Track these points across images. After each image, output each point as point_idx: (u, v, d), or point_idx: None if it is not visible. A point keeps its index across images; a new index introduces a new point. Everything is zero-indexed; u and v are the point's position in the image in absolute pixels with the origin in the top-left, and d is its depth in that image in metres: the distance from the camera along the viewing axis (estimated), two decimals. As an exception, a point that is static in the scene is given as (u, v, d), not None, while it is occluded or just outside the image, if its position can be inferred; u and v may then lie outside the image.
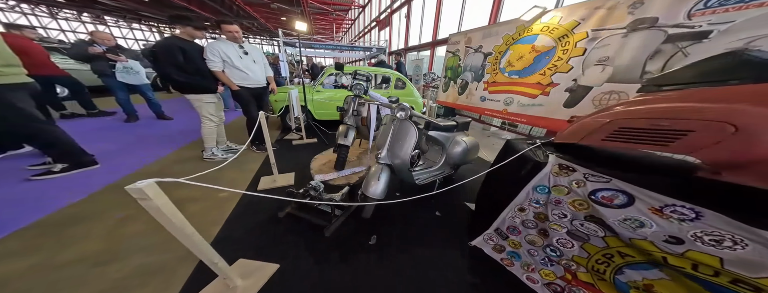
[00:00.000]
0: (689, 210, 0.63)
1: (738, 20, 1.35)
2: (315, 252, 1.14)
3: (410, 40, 7.77)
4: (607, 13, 1.80)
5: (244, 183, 1.82)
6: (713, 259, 0.55)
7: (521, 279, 0.97)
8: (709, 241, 0.57)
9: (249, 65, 2.05)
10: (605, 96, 1.79)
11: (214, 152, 2.21)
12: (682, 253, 0.59)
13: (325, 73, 3.17)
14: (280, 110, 2.98)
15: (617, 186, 0.77)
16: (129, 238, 1.19)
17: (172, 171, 1.97)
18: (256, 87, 2.20)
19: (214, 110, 2.04)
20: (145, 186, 0.54)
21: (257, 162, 2.21)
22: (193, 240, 0.72)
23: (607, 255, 0.75)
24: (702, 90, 0.71)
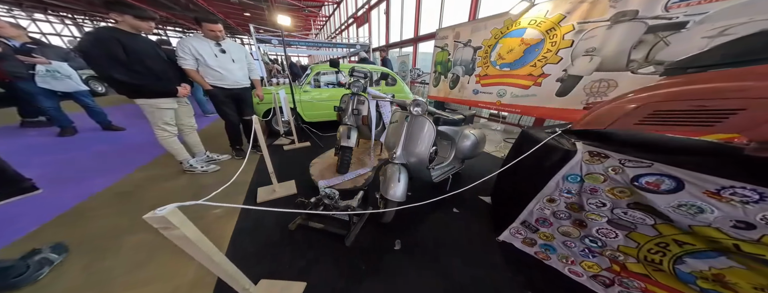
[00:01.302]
0: (751, 192, 0.56)
1: (711, 11, 1.40)
2: (340, 264, 0.97)
3: (391, 36, 7.55)
4: (590, 6, 1.80)
5: (239, 196, 1.55)
6: None
7: (563, 272, 0.90)
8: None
9: (225, 65, 1.76)
10: (595, 84, 1.81)
11: (191, 164, 1.85)
12: (758, 239, 0.53)
13: (313, 72, 2.87)
14: (264, 113, 2.64)
15: (660, 170, 0.70)
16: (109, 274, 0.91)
17: (146, 192, 1.61)
18: (234, 88, 1.88)
19: (170, 118, 1.65)
20: (167, 213, 0.44)
21: (247, 172, 1.91)
22: (224, 267, 0.63)
23: (661, 244, 0.69)
24: (747, 69, 0.66)
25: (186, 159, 1.83)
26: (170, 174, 1.84)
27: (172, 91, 1.60)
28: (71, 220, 1.28)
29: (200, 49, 1.63)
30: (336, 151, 1.75)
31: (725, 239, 0.57)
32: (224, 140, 2.22)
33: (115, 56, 1.31)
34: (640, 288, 0.74)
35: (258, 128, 1.25)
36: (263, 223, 1.23)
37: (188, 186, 1.68)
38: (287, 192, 1.53)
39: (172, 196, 1.54)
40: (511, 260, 1.00)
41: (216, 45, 1.70)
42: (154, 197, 1.54)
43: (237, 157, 2.21)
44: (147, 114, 1.59)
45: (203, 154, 2.05)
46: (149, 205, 1.44)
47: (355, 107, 1.67)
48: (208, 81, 1.75)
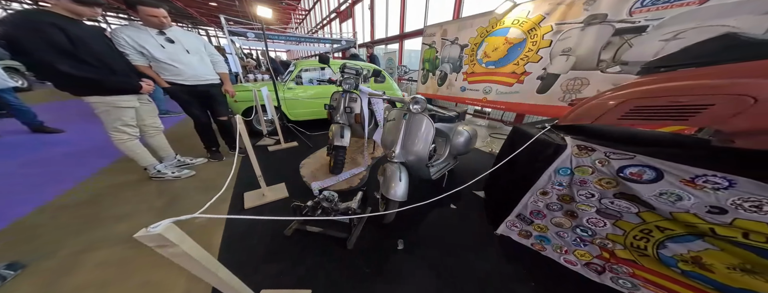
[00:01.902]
0: (721, 179, 0.62)
1: (666, 17, 1.55)
2: (343, 268, 0.93)
3: (376, 32, 7.38)
4: (567, 8, 1.89)
5: (222, 203, 1.40)
6: (762, 225, 0.55)
7: (559, 261, 0.94)
8: (750, 208, 0.57)
9: (178, 57, 1.50)
10: (571, 81, 1.93)
11: (159, 170, 1.63)
12: (730, 222, 0.58)
13: (297, 68, 2.67)
14: (244, 112, 2.42)
15: (642, 161, 0.74)
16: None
17: (107, 204, 1.38)
18: (198, 84, 1.63)
19: (130, 118, 1.41)
20: (163, 229, 0.39)
21: (226, 176, 1.73)
22: (229, 282, 0.58)
23: (645, 231, 0.75)
24: (715, 68, 0.71)
25: (152, 164, 1.60)
26: (133, 183, 1.61)
27: (134, 87, 1.37)
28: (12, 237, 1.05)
29: (140, 40, 1.35)
30: (328, 151, 1.65)
31: (702, 224, 0.62)
32: (196, 142, 1.99)
33: (58, 44, 1.07)
34: (629, 273, 0.80)
35: (242, 129, 1.11)
36: (255, 230, 1.13)
37: (158, 195, 1.48)
38: (278, 196, 1.42)
39: (140, 208, 1.34)
40: (511, 252, 1.03)
41: (159, 34, 1.42)
42: (117, 209, 1.32)
43: (214, 160, 1.99)
44: (101, 114, 1.34)
45: (173, 158, 1.81)
46: (114, 218, 1.23)
47: (347, 105, 1.58)
48: (164, 77, 1.51)
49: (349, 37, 6.73)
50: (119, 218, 1.23)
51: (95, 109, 1.32)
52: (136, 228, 1.17)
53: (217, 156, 2.01)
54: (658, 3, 1.56)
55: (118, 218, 1.23)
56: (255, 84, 2.95)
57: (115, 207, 1.34)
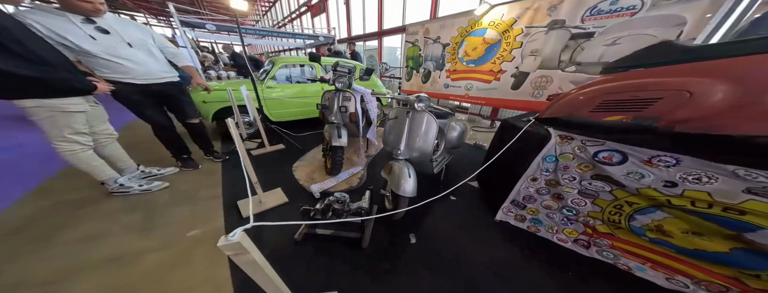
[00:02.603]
0: (670, 158, 0.76)
1: (608, 25, 1.82)
2: (363, 268, 0.91)
3: (353, 29, 7.14)
4: (534, 13, 2.08)
5: (214, 215, 1.24)
6: (703, 194, 0.69)
7: (553, 240, 1.05)
8: (693, 180, 0.72)
9: (117, 51, 1.21)
10: (538, 79, 2.16)
11: (123, 184, 1.36)
12: (681, 193, 0.73)
13: (277, 65, 2.43)
14: (215, 115, 2.12)
15: (611, 146, 0.88)
16: None
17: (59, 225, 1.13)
18: (151, 83, 1.37)
19: (82, 124, 1.16)
20: (240, 237, 0.40)
21: (212, 186, 1.52)
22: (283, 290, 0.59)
23: (618, 206, 0.88)
24: (659, 68, 0.86)
25: (112, 177, 1.33)
26: (90, 200, 1.33)
27: (88, 87, 1.10)
28: None
29: (59, 29, 1.05)
30: (325, 152, 1.56)
31: (660, 196, 0.76)
32: (156, 149, 1.69)
33: None
34: (609, 245, 0.94)
35: (234, 132, 0.98)
36: (261, 238, 1.04)
37: (128, 212, 1.25)
38: (277, 202, 1.31)
39: (112, 228, 1.12)
40: (511, 236, 1.11)
41: (86, 22, 1.11)
42: (82, 230, 1.09)
43: (187, 169, 1.71)
44: (42, 121, 1.06)
45: (135, 170, 1.51)
46: (78, 241, 1.01)
47: (341, 104, 1.50)
48: (104, 76, 1.23)
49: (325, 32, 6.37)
50: (86, 240, 1.03)
51: (33, 116, 1.03)
52: (114, 250, 0.99)
53: (190, 164, 1.73)
54: (602, 13, 1.82)
55: (84, 240, 1.02)
56: (222, 82, 2.59)
57: (79, 228, 1.10)
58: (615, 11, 1.76)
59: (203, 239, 1.06)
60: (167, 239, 1.05)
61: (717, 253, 0.71)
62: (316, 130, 2.72)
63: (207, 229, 1.11)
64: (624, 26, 1.74)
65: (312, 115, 2.71)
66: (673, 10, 1.54)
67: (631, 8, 1.70)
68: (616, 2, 1.74)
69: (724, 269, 0.72)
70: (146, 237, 1.06)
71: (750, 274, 0.68)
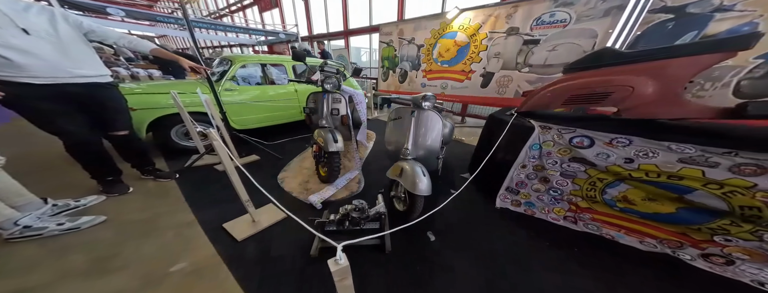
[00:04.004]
0: (625, 139, 0.94)
1: (548, 34, 2.17)
2: (394, 271, 0.86)
3: (315, 27, 6.64)
4: (495, 19, 2.32)
5: (198, 243, 0.99)
6: (652, 166, 0.87)
7: (548, 220, 1.17)
8: (643, 155, 0.89)
9: (5, 40, 0.86)
10: (501, 78, 2.42)
11: (28, 226, 0.95)
12: (637, 167, 0.90)
13: (236, 64, 2.03)
14: (150, 126, 1.65)
15: (581, 132, 1.03)
16: None
17: None
18: (64, 83, 1.01)
19: None
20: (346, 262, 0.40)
21: (176, 212, 1.21)
22: None
23: (592, 183, 1.04)
24: (607, 69, 1.04)
25: (9, 219, 0.92)
26: None
27: None
28: None
29: None
30: (319, 159, 1.38)
31: (623, 171, 0.93)
32: (63, 174, 1.22)
33: None
34: (591, 218, 1.09)
35: (219, 145, 0.76)
36: (271, 260, 0.90)
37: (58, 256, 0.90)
38: (275, 219, 1.11)
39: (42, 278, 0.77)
40: (514, 222, 1.18)
41: None
42: None
43: (114, 194, 1.28)
44: None
45: (43, 205, 1.04)
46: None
47: (333, 107, 1.34)
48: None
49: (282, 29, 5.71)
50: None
51: None
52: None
53: (118, 188, 1.29)
54: (544, 23, 2.15)
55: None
56: (143, 84, 2.03)
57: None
58: (553, 22, 2.09)
59: (196, 271, 0.85)
60: (146, 277, 0.81)
61: (668, 214, 0.90)
62: (292, 137, 2.43)
63: (195, 259, 0.90)
64: (559, 36, 2.09)
65: (284, 121, 2.41)
66: (588, 25, 1.92)
67: (563, 21, 2.04)
68: (554, 15, 2.07)
69: (675, 227, 0.92)
70: (115, 276, 0.81)
71: (693, 228, 0.88)
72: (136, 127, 1.58)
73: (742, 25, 1.31)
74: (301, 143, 2.30)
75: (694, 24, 1.45)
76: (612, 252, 1.00)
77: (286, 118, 2.43)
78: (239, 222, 1.08)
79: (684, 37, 1.49)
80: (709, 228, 0.84)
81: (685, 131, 0.88)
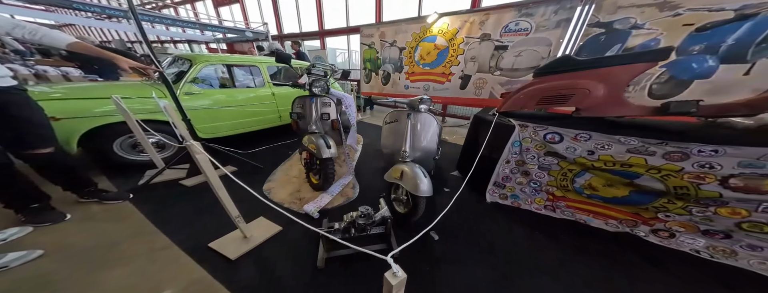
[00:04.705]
0: (585, 134, 1.11)
1: (514, 41, 2.44)
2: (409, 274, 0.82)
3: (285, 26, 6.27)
4: (470, 25, 2.50)
5: (182, 268, 0.89)
6: (609, 157, 1.04)
7: (532, 210, 1.30)
8: (600, 147, 1.07)
9: None
10: (478, 81, 2.62)
11: None
12: (597, 158, 1.07)
13: (198, 65, 1.80)
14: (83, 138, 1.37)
15: (552, 130, 1.19)
16: None
17: None
18: None
19: None
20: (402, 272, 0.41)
21: (141, 236, 1.07)
22: None
23: (563, 174, 1.20)
24: (568, 74, 1.22)
25: None
26: None
27: None
28: None
29: None
30: (311, 166, 1.30)
31: (587, 162, 1.09)
32: None
33: None
34: (566, 205, 1.25)
35: (203, 159, 0.68)
36: (275, 277, 0.85)
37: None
38: (270, 233, 1.04)
39: None
40: (505, 214, 1.29)
41: None
42: None
43: (44, 225, 1.04)
44: None
45: None
46: None
47: (322, 112, 1.29)
48: None
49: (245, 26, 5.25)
50: None
51: None
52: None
53: (48, 217, 1.05)
54: (511, 31, 2.40)
55: None
56: (60, 85, 1.70)
57: None
58: (518, 31, 2.35)
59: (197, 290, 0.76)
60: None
61: (623, 197, 1.09)
62: (271, 144, 2.25)
63: (183, 285, 0.82)
64: (523, 43, 2.35)
65: (260, 127, 2.24)
66: (544, 35, 2.21)
67: (526, 30, 2.31)
68: (518, 24, 2.32)
69: (629, 208, 1.12)
70: None
71: (642, 208, 1.08)
72: (62, 140, 1.29)
73: (650, 40, 1.66)
74: (282, 150, 2.16)
75: (618, 38, 1.79)
76: (587, 234, 1.15)
77: (263, 123, 2.25)
78: (228, 239, 0.98)
79: (613, 48, 1.83)
80: (654, 207, 1.04)
81: (629, 126, 1.08)
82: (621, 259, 1.01)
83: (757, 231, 0.89)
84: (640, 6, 1.65)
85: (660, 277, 0.92)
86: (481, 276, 0.90)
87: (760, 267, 0.92)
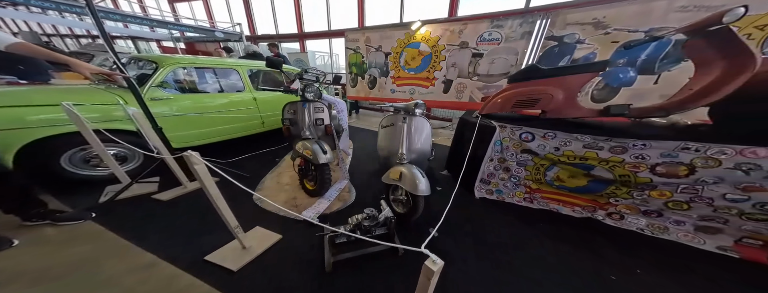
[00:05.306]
0: (551, 133, 1.31)
1: (489, 50, 2.72)
2: (411, 272, 0.91)
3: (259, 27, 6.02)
4: (451, 34, 2.72)
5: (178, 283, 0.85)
6: (571, 152, 1.24)
7: (514, 202, 1.47)
8: (563, 144, 1.27)
9: None
10: (458, 85, 2.85)
11: None
12: (562, 154, 1.27)
13: (166, 67, 1.63)
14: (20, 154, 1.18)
15: (525, 130, 1.37)
16: None
17: None
18: None
19: None
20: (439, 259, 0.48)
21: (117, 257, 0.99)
22: None
23: (537, 168, 1.39)
24: (535, 81, 1.43)
25: None
26: None
27: None
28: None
29: None
30: (306, 173, 1.30)
31: (555, 157, 1.29)
32: None
33: None
34: (541, 197, 1.44)
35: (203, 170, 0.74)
36: (284, 285, 0.86)
37: None
38: (270, 242, 1.03)
39: None
40: (491, 208, 1.44)
41: None
42: None
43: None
44: None
45: None
46: None
47: (316, 117, 1.30)
48: None
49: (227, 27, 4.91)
50: None
51: None
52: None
53: None
54: (485, 41, 2.67)
55: None
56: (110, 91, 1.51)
57: None
58: (491, 40, 2.62)
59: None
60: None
61: (583, 186, 1.31)
62: (255, 151, 2.16)
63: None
64: (495, 51, 2.64)
65: (241, 134, 2.16)
66: (512, 45, 2.52)
67: (497, 39, 2.59)
68: (491, 34, 2.59)
69: (588, 196, 1.34)
70: None
71: (598, 195, 1.30)
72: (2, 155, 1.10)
73: (590, 53, 2.03)
74: (268, 158, 2.08)
75: (568, 50, 2.14)
76: (559, 221, 1.34)
77: (246, 130, 2.16)
78: (225, 251, 0.96)
79: (564, 59, 2.18)
80: (606, 194, 1.27)
81: (583, 125, 1.31)
82: (588, 240, 1.19)
83: (679, 208, 1.14)
84: (582, 24, 2.00)
85: (617, 257, 1.09)
86: (477, 266, 1.00)
87: (684, 239, 1.17)
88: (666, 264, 1.05)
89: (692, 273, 1.00)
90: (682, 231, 1.19)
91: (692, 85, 1.08)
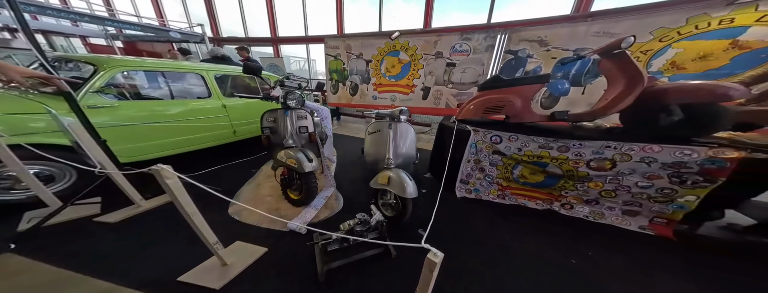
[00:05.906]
0: (514, 135, 1.55)
1: (461, 60, 3.04)
2: (407, 273, 0.97)
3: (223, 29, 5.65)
4: (426, 44, 2.96)
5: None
6: (530, 152, 1.48)
7: (490, 199, 1.65)
8: (524, 145, 1.51)
9: None
10: (436, 92, 3.09)
11: None
12: (523, 154, 1.50)
13: (107, 71, 1.43)
14: None
15: (495, 133, 1.59)
16: None
17: None
18: None
19: None
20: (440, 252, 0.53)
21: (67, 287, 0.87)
22: None
23: (505, 167, 1.61)
24: (499, 89, 1.67)
25: None
26: None
27: None
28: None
29: None
30: (288, 183, 1.27)
31: (519, 157, 1.52)
32: None
33: None
34: (511, 193, 1.65)
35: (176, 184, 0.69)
36: None
37: None
38: (254, 256, 1.00)
39: None
40: (473, 205, 1.59)
41: None
42: None
43: None
44: None
45: None
46: None
47: (299, 125, 1.30)
48: None
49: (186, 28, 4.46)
50: None
51: None
52: None
53: None
54: (457, 51, 2.98)
55: None
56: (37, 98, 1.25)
57: None
58: (462, 51, 2.94)
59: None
60: None
61: (541, 182, 1.55)
62: (226, 163, 2.05)
63: None
64: (465, 62, 2.96)
65: (209, 144, 2.01)
66: (479, 56, 2.86)
67: (467, 51, 2.91)
68: (461, 46, 2.91)
69: (546, 190, 1.59)
70: None
71: (553, 188, 1.56)
72: None
73: (536, 67, 2.45)
74: (241, 169, 1.98)
75: (521, 63, 2.54)
76: (527, 214, 1.56)
77: (214, 140, 2.01)
78: (203, 270, 0.91)
79: (519, 71, 2.58)
80: (558, 187, 1.53)
81: (537, 129, 1.57)
82: (550, 229, 1.40)
83: (609, 196, 1.44)
84: (530, 41, 2.42)
85: (572, 242, 1.29)
86: (464, 257, 1.12)
87: (616, 222, 1.46)
88: (608, 245, 1.27)
89: (623, 252, 1.19)
90: (614, 215, 1.49)
91: (607, 95, 1.41)
